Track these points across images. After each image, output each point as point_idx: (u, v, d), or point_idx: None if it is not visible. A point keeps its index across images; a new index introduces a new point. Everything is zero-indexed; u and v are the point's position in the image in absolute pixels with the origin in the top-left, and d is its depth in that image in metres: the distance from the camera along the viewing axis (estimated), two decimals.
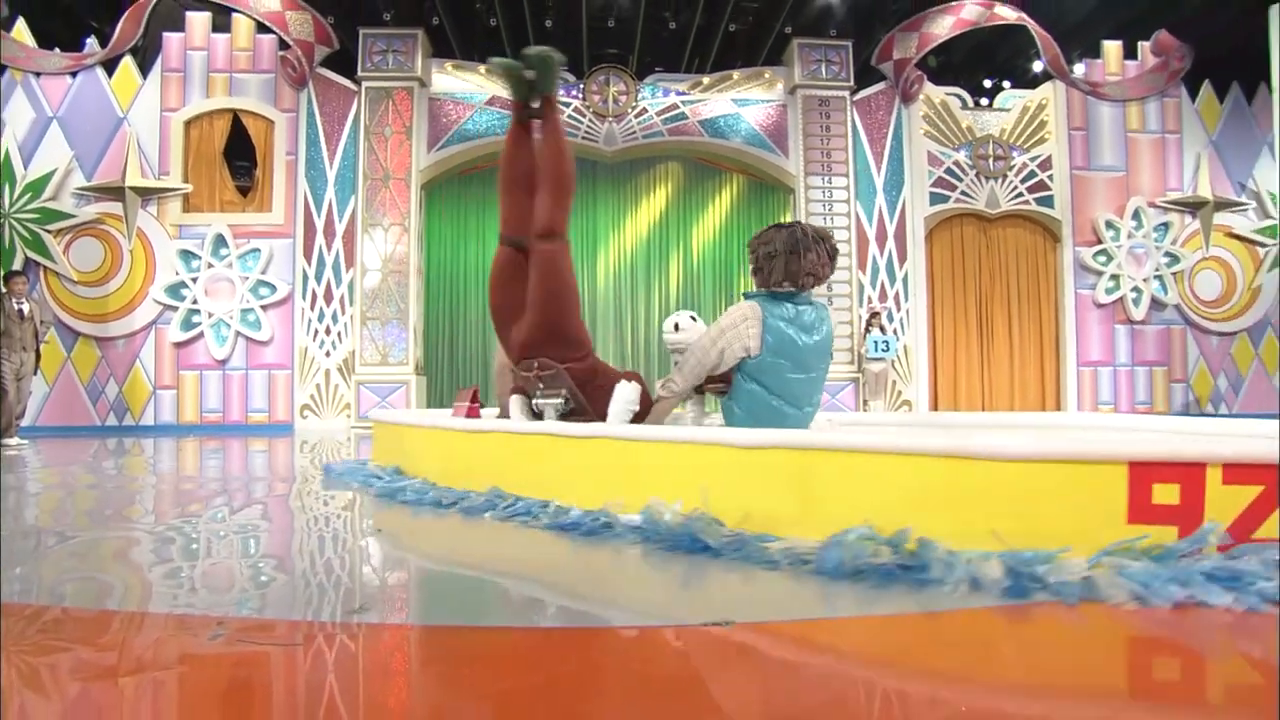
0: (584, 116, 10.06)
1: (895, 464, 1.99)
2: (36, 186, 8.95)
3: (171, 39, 9.45)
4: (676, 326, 3.18)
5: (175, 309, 9.20)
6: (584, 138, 10.07)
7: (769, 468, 2.18)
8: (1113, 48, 10.40)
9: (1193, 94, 10.54)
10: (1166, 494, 1.75)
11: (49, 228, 8.99)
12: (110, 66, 9.26)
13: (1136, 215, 10.26)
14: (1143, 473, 1.76)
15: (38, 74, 9.07)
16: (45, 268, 9.01)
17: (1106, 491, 1.77)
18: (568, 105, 10.06)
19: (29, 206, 8.93)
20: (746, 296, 2.86)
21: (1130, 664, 1.53)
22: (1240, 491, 1.74)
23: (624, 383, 2.94)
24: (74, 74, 9.14)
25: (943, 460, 1.92)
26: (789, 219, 10.52)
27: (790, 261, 2.75)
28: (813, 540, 1.96)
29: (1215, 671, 1.47)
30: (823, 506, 2.07)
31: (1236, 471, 1.74)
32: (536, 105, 3.11)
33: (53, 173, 8.98)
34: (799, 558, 1.95)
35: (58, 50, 9.23)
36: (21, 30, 8.95)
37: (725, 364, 2.79)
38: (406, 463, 3.72)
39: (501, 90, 9.98)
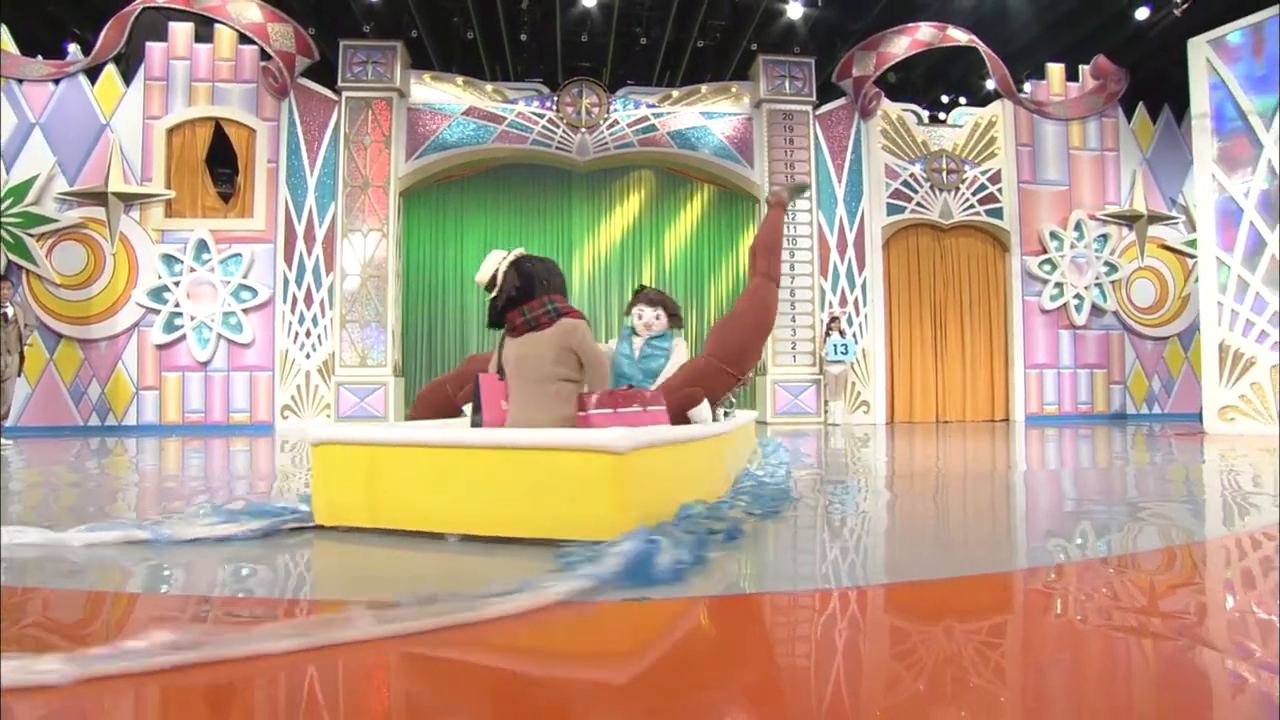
0: (558, 127, 10.09)
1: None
2: (19, 191, 8.80)
3: (154, 48, 9.35)
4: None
5: (158, 312, 9.11)
6: (558, 148, 10.11)
7: None
8: (1056, 70, 10.69)
9: (1129, 114, 10.88)
10: None
11: (32, 232, 8.84)
12: (93, 74, 9.14)
13: (1078, 227, 10.55)
14: None
15: (20, 80, 8.92)
16: (28, 271, 8.86)
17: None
18: (542, 116, 10.09)
19: (11, 211, 8.77)
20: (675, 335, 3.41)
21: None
22: None
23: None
24: (57, 81, 9.01)
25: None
26: (755, 228, 10.78)
27: None
28: None
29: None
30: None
31: None
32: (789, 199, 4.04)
33: (35, 178, 8.84)
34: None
35: (40, 57, 9.09)
36: (4, 36, 8.79)
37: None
38: None
39: (477, 101, 10.06)
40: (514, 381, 2.76)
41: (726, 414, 3.69)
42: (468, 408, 3.38)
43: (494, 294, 2.76)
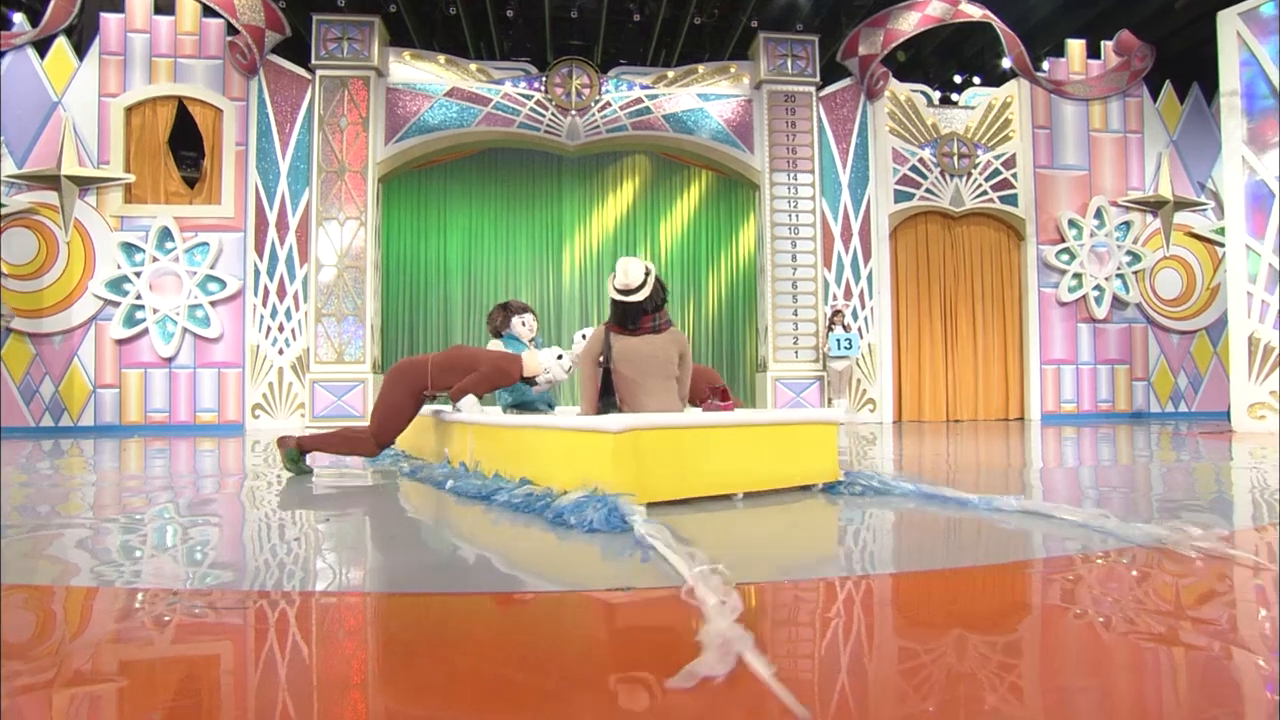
0: (546, 110, 10.05)
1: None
2: None
3: (110, 20, 9.26)
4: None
5: (117, 304, 9.04)
6: (546, 131, 10.07)
7: None
8: (1076, 46, 10.70)
9: (1154, 94, 10.88)
10: None
11: None
12: (43, 47, 9.04)
13: (1099, 214, 10.57)
14: None
15: None
16: None
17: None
18: (529, 98, 10.05)
19: None
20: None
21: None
22: None
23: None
24: (1, 54, 8.90)
25: None
26: (756, 216, 10.79)
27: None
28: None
29: None
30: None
31: None
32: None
33: None
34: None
35: None
36: None
37: None
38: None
39: (461, 81, 10.00)
40: (640, 375, 3.45)
41: None
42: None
43: (641, 297, 3.43)
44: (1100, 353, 10.63)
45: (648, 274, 3.45)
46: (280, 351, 9.38)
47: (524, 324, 4.76)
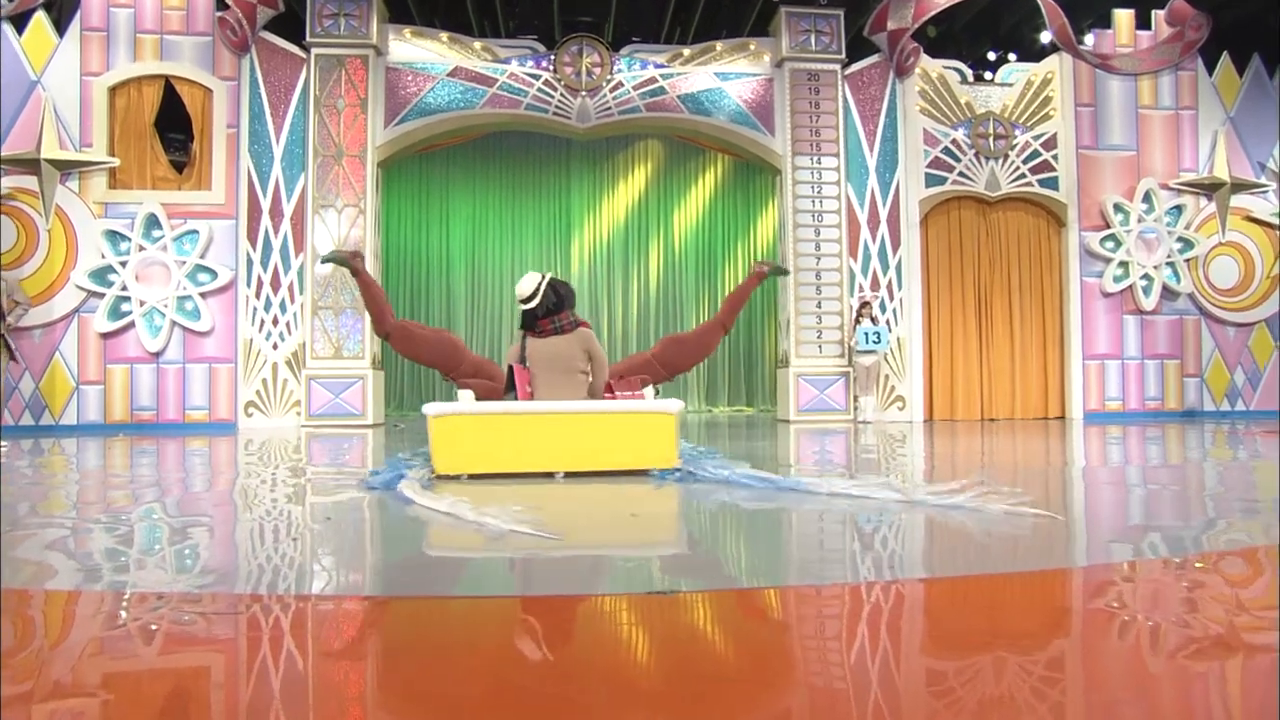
0: (555, 90, 9.99)
1: None
2: None
3: None
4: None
5: (101, 296, 9.03)
6: (555, 113, 10.01)
7: None
8: (1124, 17, 10.53)
9: (1210, 66, 10.69)
10: None
11: None
12: (20, 23, 9.00)
13: (1147, 197, 10.40)
14: None
15: None
16: None
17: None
18: (537, 78, 10.01)
19: None
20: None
21: None
22: None
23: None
24: None
25: None
26: (777, 203, 10.71)
27: None
28: None
29: None
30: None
31: None
32: None
33: None
34: None
35: None
36: None
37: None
38: None
39: (465, 60, 9.96)
40: (543, 372, 4.22)
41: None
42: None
43: (533, 305, 4.21)
44: (1148, 347, 10.48)
45: (539, 284, 4.24)
46: (275, 346, 9.35)
47: None
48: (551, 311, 4.22)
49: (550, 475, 3.80)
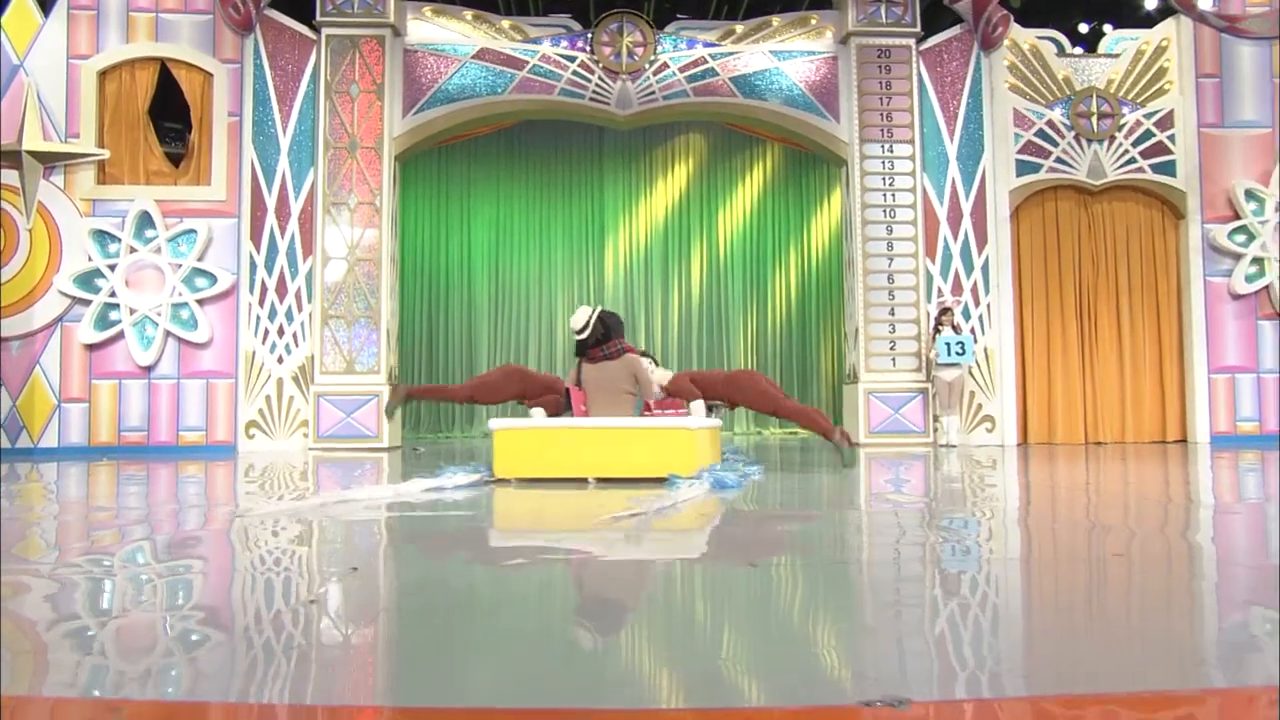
0: (592, 73, 9.89)
1: None
2: None
3: None
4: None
5: (88, 303, 8.94)
6: (592, 99, 9.90)
7: None
8: None
9: None
10: None
11: None
12: (0, 2, 9.03)
13: None
14: None
15: None
16: None
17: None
18: (572, 59, 9.82)
19: None
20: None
21: None
22: None
23: None
24: None
25: None
26: (842, 197, 10.30)
27: None
28: None
29: None
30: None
31: None
32: None
33: None
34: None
35: None
36: None
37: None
38: None
39: (491, 41, 9.71)
40: (595, 393, 5.35)
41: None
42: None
43: (585, 335, 5.33)
44: None
45: (590, 317, 5.36)
46: (280, 360, 9.24)
47: None
48: (601, 340, 5.33)
49: (584, 481, 4.78)
